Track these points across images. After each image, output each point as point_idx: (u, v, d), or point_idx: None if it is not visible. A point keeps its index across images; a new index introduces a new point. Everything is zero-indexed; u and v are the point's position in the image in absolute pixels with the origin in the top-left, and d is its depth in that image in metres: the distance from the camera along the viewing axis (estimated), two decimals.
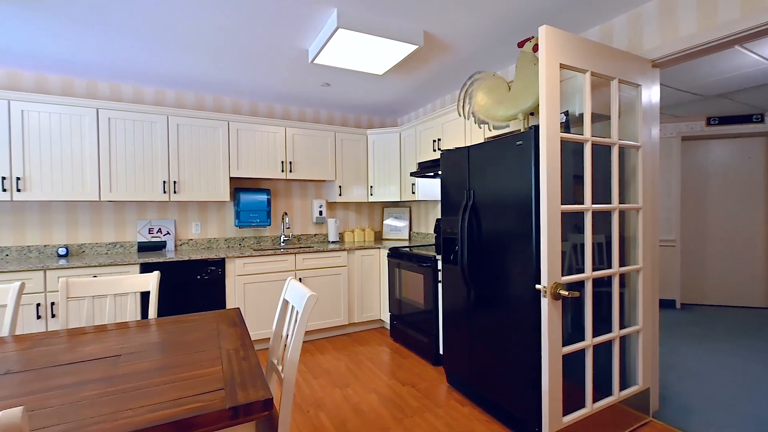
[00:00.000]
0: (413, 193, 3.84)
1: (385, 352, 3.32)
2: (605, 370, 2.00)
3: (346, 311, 3.73)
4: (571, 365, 1.87)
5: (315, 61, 2.67)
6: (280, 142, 3.72)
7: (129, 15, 2.21)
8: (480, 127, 2.62)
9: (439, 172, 3.30)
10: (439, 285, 2.93)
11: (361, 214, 4.57)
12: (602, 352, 1.99)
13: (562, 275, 1.76)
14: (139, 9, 2.15)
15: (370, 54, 2.57)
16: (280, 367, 1.50)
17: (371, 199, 4.19)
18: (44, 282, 2.65)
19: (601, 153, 2.03)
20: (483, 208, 2.27)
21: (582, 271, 1.92)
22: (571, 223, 1.95)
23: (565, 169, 1.88)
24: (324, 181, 4.21)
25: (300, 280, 3.53)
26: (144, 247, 3.41)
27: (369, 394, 2.55)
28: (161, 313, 3.00)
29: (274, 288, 3.41)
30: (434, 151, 3.51)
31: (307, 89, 3.59)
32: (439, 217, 3.97)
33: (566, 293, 1.64)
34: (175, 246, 3.58)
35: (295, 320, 1.47)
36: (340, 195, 4.06)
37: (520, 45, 2.26)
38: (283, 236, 3.98)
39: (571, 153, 1.94)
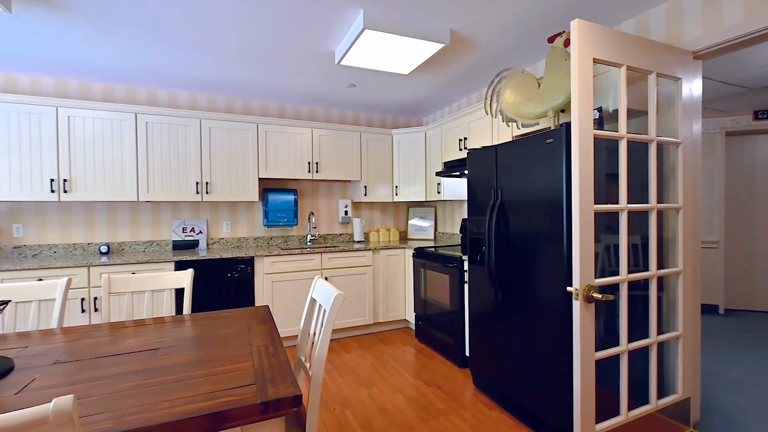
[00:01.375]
0: (439, 192, 3.81)
1: (410, 352, 3.31)
2: (642, 377, 1.92)
3: (371, 310, 3.75)
4: (605, 371, 1.80)
5: (341, 63, 2.69)
6: (307, 143, 3.78)
7: (166, 24, 2.31)
8: (508, 126, 2.57)
9: (466, 172, 3.26)
10: (465, 286, 2.89)
11: (386, 213, 4.58)
12: (638, 358, 1.91)
13: (595, 277, 1.70)
14: (175, 19, 2.24)
15: (395, 54, 2.57)
16: (307, 365, 1.53)
17: (396, 199, 4.19)
18: (88, 278, 2.81)
19: (638, 150, 1.94)
20: (511, 208, 2.22)
21: (616, 273, 1.84)
22: (604, 224, 1.88)
23: (597, 168, 1.81)
24: (349, 181, 4.25)
25: (326, 279, 3.57)
26: (178, 246, 3.56)
27: (394, 393, 2.55)
28: (194, 309, 3.11)
29: (300, 286, 3.47)
30: (460, 150, 3.46)
31: (333, 90, 3.63)
32: (465, 217, 3.92)
33: (600, 296, 1.58)
34: (207, 245, 3.71)
35: (323, 318, 1.49)
36: (365, 195, 4.08)
37: (551, 40, 2.19)
38: (309, 236, 4.05)
39: (604, 151, 1.87)
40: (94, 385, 1.06)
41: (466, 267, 2.88)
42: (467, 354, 2.91)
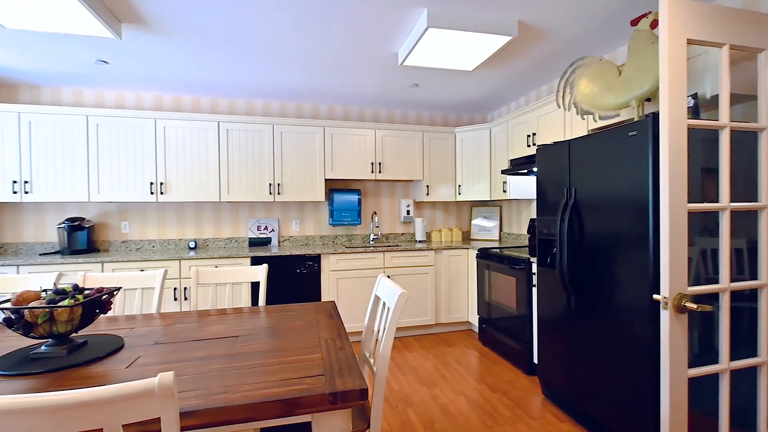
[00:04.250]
0: (504, 191, 3.66)
1: (474, 355, 3.23)
2: (746, 402, 1.67)
3: (433, 311, 3.72)
4: (699, 391, 1.60)
5: (404, 63, 2.71)
6: (370, 144, 3.87)
7: (246, 40, 2.51)
8: (583, 119, 2.39)
9: (534, 169, 3.10)
10: (534, 289, 2.75)
11: (448, 213, 4.52)
12: (743, 379, 1.66)
13: (689, 285, 1.51)
14: (254, 35, 2.42)
15: (460, 50, 2.53)
16: (372, 360, 1.56)
17: (459, 198, 4.12)
18: (179, 269, 3.16)
19: (743, 141, 1.69)
20: (586, 207, 2.06)
21: (715, 281, 1.62)
22: (699, 225, 1.67)
23: (691, 162, 1.61)
24: (411, 180, 4.26)
25: (388, 277, 3.62)
26: (253, 243, 3.85)
27: (457, 396, 2.51)
28: (266, 301, 3.34)
29: (364, 284, 3.56)
30: (528, 146, 3.30)
31: (395, 91, 3.67)
32: (534, 216, 3.73)
33: (694, 306, 1.40)
34: (279, 242, 3.96)
35: (386, 316, 1.51)
36: (427, 194, 4.07)
37: (634, 23, 2.00)
38: (372, 235, 4.13)
39: (699, 142, 1.66)
40: (186, 365, 1.19)
41: (534, 269, 2.73)
42: (535, 361, 2.77)
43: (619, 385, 1.87)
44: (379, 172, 3.90)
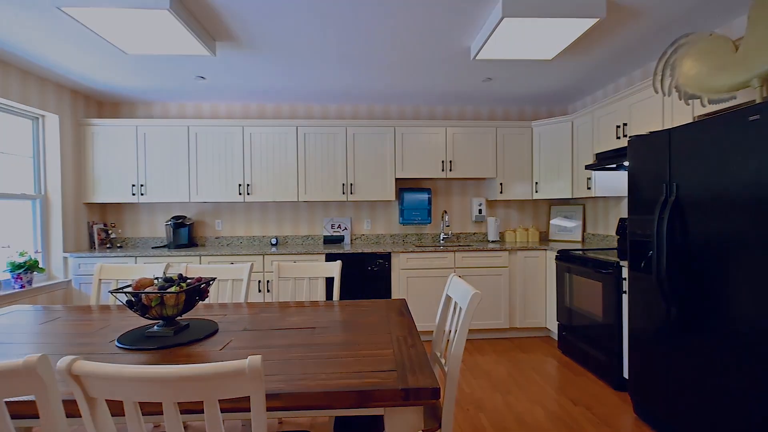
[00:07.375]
0: (588, 188, 3.36)
1: (552, 364, 3.01)
2: None
3: (507, 314, 3.56)
4: None
5: (477, 57, 2.62)
6: (441, 142, 3.82)
7: (323, 51, 2.64)
8: (687, 104, 2.10)
9: (625, 163, 2.80)
10: (624, 296, 2.48)
11: (523, 212, 4.28)
12: None
13: None
14: (329, 45, 2.54)
15: (538, 38, 2.37)
16: (443, 360, 1.54)
17: (536, 196, 3.88)
18: (263, 264, 3.44)
19: None
20: (690, 206, 1.80)
21: None
22: None
23: None
24: (484, 178, 4.12)
25: (459, 277, 3.54)
26: (327, 240, 4.03)
27: (534, 406, 2.37)
28: (340, 296, 3.48)
29: (433, 283, 3.53)
30: (618, 138, 2.98)
31: (467, 87, 3.57)
32: (624, 216, 3.37)
33: None
34: (351, 240, 4.10)
35: (458, 316, 1.48)
36: (500, 192, 3.90)
37: None
38: (442, 234, 4.08)
39: None
40: (270, 351, 1.29)
41: (624, 274, 2.47)
42: (626, 375, 2.50)
43: (735, 415, 1.61)
44: (450, 170, 3.83)
